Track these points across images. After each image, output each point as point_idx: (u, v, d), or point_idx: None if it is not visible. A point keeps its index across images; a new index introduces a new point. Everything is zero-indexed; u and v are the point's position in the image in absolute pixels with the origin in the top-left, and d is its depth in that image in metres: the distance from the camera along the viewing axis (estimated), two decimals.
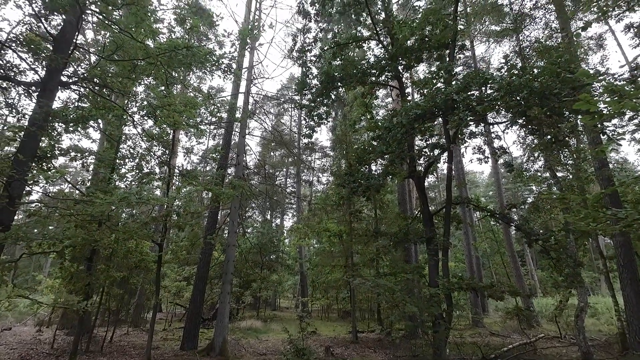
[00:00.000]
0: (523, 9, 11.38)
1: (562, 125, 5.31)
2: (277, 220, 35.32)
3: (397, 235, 7.73)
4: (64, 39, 5.67)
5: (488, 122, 5.99)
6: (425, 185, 8.68)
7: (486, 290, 6.61)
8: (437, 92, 5.78)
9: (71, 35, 5.76)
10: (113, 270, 10.42)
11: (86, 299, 9.73)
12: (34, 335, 12.46)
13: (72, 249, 9.24)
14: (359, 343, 11.68)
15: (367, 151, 7.31)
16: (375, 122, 8.52)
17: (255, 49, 14.01)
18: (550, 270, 8.70)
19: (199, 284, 10.88)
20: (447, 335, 6.79)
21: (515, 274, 16.79)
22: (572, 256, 6.34)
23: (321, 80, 8.32)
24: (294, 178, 33.89)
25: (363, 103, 11.82)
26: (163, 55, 6.18)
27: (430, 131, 6.76)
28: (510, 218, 7.14)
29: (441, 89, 5.86)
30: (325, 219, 15.56)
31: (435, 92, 5.74)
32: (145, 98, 10.01)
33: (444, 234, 7.14)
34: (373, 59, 8.97)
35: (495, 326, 15.32)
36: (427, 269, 7.90)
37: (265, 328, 15.74)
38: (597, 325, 14.69)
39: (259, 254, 20.71)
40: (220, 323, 9.86)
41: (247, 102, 12.95)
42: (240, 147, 12.18)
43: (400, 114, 6.17)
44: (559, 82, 4.63)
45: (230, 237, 11.15)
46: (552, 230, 6.58)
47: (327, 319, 20.42)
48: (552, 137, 5.42)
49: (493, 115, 5.80)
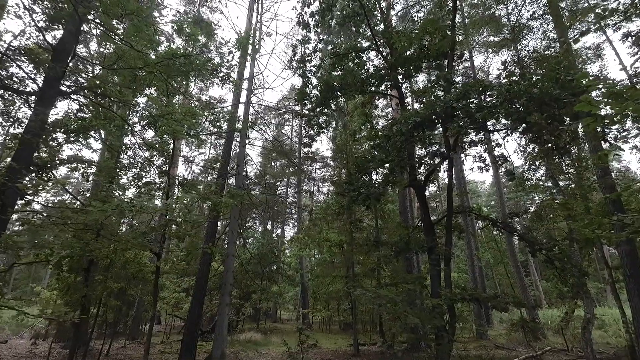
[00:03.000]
0: (521, 20, 11.51)
1: (563, 131, 5.26)
2: (277, 231, 35.20)
3: (398, 244, 7.60)
4: (64, 49, 5.72)
5: (488, 129, 5.97)
6: (427, 195, 8.60)
7: (490, 302, 6.45)
8: (436, 100, 5.77)
9: (71, 45, 5.81)
10: (110, 281, 10.29)
11: (83, 310, 9.59)
12: (29, 349, 12.24)
13: (70, 259, 9.15)
14: (361, 356, 11.41)
15: (367, 160, 7.26)
16: (376, 131, 8.51)
17: (255, 59, 14.18)
18: (555, 280, 8.53)
19: (197, 295, 10.70)
20: (450, 348, 6.60)
21: (520, 285, 16.49)
22: (577, 265, 6.20)
23: (321, 89, 8.35)
24: (294, 188, 33.91)
25: (363, 112, 11.86)
26: (161, 64, 6.21)
27: (430, 140, 6.72)
28: (512, 227, 7.02)
29: (440, 97, 5.85)
30: (326, 229, 15.42)
31: (435, 100, 5.73)
32: (146, 109, 10.08)
33: (446, 243, 7.02)
34: (372, 69, 9.03)
35: (500, 339, 14.98)
36: (429, 279, 7.76)
37: (265, 341, 15.43)
38: (605, 337, 14.32)
39: (259, 264, 20.52)
40: (218, 335, 9.67)
41: (247, 112, 13.02)
42: (240, 157, 12.18)
43: (399, 122, 6.14)
44: (558, 88, 4.60)
45: (230, 248, 11.03)
46: (555, 239, 6.44)
47: (328, 332, 20.07)
48: (552, 144, 5.36)
49: (493, 123, 5.78)
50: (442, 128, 6.44)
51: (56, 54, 5.60)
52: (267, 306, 21.69)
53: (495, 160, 8.29)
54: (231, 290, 10.72)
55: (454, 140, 7.00)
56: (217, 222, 11.83)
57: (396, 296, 6.58)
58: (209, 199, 8.20)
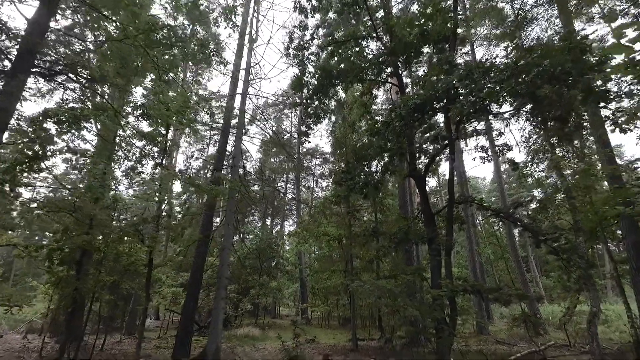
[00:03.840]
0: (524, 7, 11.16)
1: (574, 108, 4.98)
2: (277, 227, 35.14)
3: (397, 234, 7.33)
4: (39, 22, 5.41)
5: (492, 112, 5.66)
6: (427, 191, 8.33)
7: (493, 294, 6.20)
8: (437, 80, 5.48)
9: (46, 19, 5.50)
10: (103, 274, 10.08)
11: (76, 304, 9.39)
12: (23, 344, 12.09)
13: (60, 251, 8.94)
14: (359, 351, 11.22)
15: (365, 147, 6.98)
16: (375, 121, 8.24)
17: (253, 50, 13.86)
18: (559, 273, 8.27)
19: (192, 289, 10.47)
20: (451, 342, 6.37)
21: (521, 280, 16.27)
22: (584, 256, 5.94)
23: (318, 76, 8.05)
24: (294, 184, 33.77)
25: (362, 103, 11.57)
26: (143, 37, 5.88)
27: (431, 125, 6.44)
28: (516, 217, 6.77)
29: (442, 78, 5.57)
30: (325, 223, 15.22)
31: (436, 80, 5.44)
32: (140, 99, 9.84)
33: (447, 233, 6.76)
34: (371, 56, 8.72)
35: (500, 334, 14.78)
36: (430, 273, 7.51)
37: (262, 336, 15.28)
38: (608, 333, 14.10)
39: (257, 259, 20.35)
40: (213, 330, 9.45)
41: (244, 103, 12.72)
42: (236, 149, 11.90)
43: (399, 106, 5.87)
44: (570, 61, 4.34)
45: (225, 241, 10.79)
46: (562, 229, 6.18)
47: (327, 327, 19.94)
48: (559, 127, 5.09)
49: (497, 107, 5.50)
50: (443, 111, 6.15)
51: (31, 27, 5.30)
52: (266, 302, 21.53)
53: (498, 151, 8.02)
54: (227, 284, 10.49)
55: (455, 127, 6.72)
56: (212, 215, 11.58)
57: (395, 288, 6.34)
58: (198, 186, 7.93)
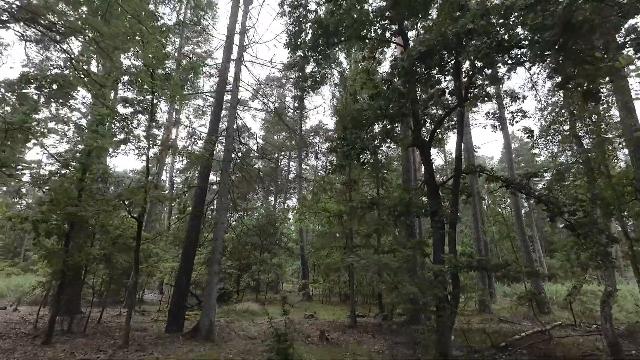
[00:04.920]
0: None
1: (602, 67, 4.24)
2: (280, 205, 35.15)
3: (397, 206, 6.71)
4: None
5: (511, 56, 4.84)
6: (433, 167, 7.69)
7: (500, 270, 5.69)
8: (446, 23, 4.67)
9: None
10: (94, 247, 9.80)
11: (63, 277, 9.16)
12: (22, 316, 12.12)
13: (45, 223, 8.61)
14: (357, 328, 11.00)
15: (363, 111, 6.28)
16: (375, 84, 7.48)
17: (248, 12, 12.90)
18: (573, 249, 7.70)
19: (184, 264, 10.17)
20: (453, 320, 5.94)
21: (527, 259, 15.80)
22: (604, 231, 5.35)
23: (314, 32, 7.22)
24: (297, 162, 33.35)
25: (364, 69, 10.74)
26: None
27: (437, 79, 5.66)
28: (529, 188, 6.13)
29: (452, 22, 4.75)
30: (325, 199, 14.79)
31: (445, 23, 4.64)
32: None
33: (452, 204, 6.16)
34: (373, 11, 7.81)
35: (504, 312, 14.50)
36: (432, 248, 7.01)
37: (262, 311, 15.20)
38: (614, 313, 13.74)
39: (258, 236, 20.19)
40: (206, 304, 9.18)
41: (239, 69, 11.93)
42: (230, 118, 11.26)
43: (401, 59, 5.12)
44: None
45: (219, 215, 10.37)
46: (581, 201, 5.55)
47: (328, 303, 20.00)
48: (593, 76, 4.34)
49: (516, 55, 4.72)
50: (454, 66, 5.36)
51: None
52: (268, 277, 21.55)
53: (511, 118, 7.26)
54: (220, 259, 10.15)
55: (465, 86, 5.97)
56: (206, 188, 11.10)
57: (392, 262, 5.85)
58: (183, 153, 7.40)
